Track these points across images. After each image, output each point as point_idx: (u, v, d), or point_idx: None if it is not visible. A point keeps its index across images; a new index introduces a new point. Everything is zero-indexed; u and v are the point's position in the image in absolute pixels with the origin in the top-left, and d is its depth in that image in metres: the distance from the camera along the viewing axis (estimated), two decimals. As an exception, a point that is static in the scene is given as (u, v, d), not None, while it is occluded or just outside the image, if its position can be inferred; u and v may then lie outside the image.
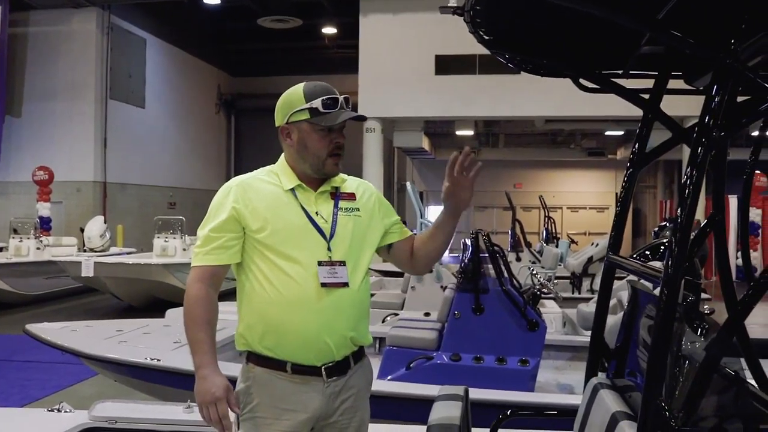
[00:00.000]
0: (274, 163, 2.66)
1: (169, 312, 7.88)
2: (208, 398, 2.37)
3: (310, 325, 2.43)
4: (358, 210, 2.60)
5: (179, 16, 23.50)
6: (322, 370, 2.47)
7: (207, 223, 2.52)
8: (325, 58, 26.30)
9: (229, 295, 3.00)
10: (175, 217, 15.43)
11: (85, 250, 15.42)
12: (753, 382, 2.70)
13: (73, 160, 19.68)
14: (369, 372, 2.70)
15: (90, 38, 19.97)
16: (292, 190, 2.55)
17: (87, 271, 12.93)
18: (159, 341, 5.97)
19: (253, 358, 2.52)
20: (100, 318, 8.09)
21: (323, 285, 2.42)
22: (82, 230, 15.92)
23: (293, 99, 2.53)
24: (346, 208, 2.57)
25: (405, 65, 19.27)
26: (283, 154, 2.63)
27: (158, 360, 5.34)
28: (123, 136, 20.81)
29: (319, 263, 2.44)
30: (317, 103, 2.49)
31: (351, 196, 2.62)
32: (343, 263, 2.48)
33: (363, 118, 2.58)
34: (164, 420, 3.88)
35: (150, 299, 13.53)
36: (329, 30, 24.66)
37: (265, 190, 2.54)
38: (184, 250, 14.28)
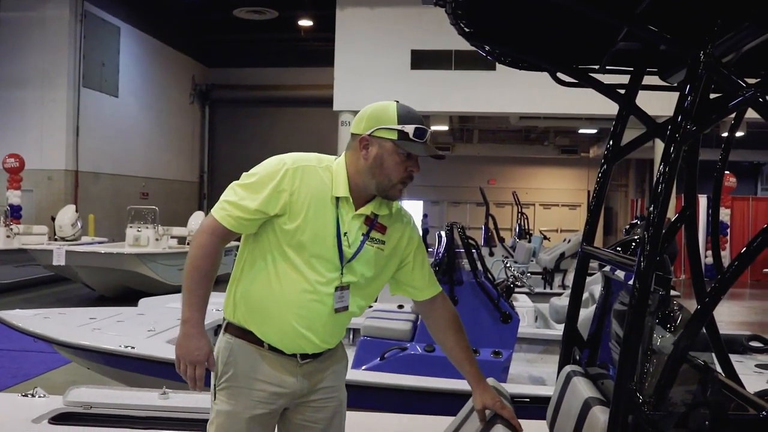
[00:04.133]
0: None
1: (142, 301, 7.89)
2: (189, 358, 2.41)
3: (294, 327, 2.47)
4: (383, 243, 2.58)
5: (154, 5, 23.34)
6: (297, 356, 2.53)
7: (247, 189, 2.45)
8: (300, 51, 26.25)
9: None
10: (148, 207, 15.35)
11: (56, 239, 15.27)
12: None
13: (45, 148, 19.43)
14: (342, 353, 2.73)
15: (63, 25, 19.66)
16: (338, 198, 2.50)
17: (58, 260, 12.85)
18: (133, 329, 5.97)
19: (233, 329, 2.54)
20: (72, 307, 8.04)
21: (337, 311, 2.48)
22: (54, 219, 15.78)
23: (384, 115, 2.47)
24: (373, 239, 2.56)
25: (381, 59, 19.29)
26: (344, 156, 2.56)
27: (132, 347, 5.35)
28: (96, 124, 20.58)
29: (336, 288, 2.48)
30: (410, 129, 2.44)
31: (382, 228, 2.59)
32: (347, 287, 2.50)
33: (442, 158, 2.56)
34: (139, 405, 3.89)
35: (122, 289, 13.46)
36: (305, 22, 24.53)
37: (316, 185, 2.48)
38: (157, 240, 14.26)
